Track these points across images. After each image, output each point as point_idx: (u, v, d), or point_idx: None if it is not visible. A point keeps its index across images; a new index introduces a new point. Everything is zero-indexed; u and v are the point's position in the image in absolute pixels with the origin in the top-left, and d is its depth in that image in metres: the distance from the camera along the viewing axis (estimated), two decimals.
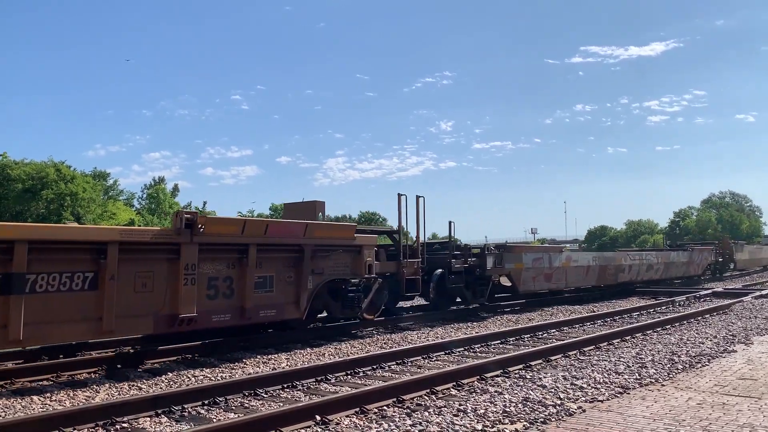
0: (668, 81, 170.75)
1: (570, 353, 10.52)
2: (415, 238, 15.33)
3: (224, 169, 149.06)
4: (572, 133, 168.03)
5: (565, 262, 20.40)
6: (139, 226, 45.36)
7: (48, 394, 8.11)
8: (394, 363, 9.95)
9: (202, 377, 9.20)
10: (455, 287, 16.54)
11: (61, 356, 10.13)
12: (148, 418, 6.83)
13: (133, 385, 8.67)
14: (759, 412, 6.73)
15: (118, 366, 9.75)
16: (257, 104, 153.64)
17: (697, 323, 14.60)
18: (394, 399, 7.30)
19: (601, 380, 8.42)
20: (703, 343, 11.49)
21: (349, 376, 9.08)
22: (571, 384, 8.20)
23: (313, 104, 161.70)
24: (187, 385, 8.59)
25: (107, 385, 8.71)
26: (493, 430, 6.17)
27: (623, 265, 23.63)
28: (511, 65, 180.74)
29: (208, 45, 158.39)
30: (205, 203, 74.91)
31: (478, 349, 11.44)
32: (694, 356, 10.17)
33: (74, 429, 6.31)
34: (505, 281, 19.17)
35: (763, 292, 22.05)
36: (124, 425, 6.57)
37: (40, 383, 8.81)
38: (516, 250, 18.70)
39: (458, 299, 17.65)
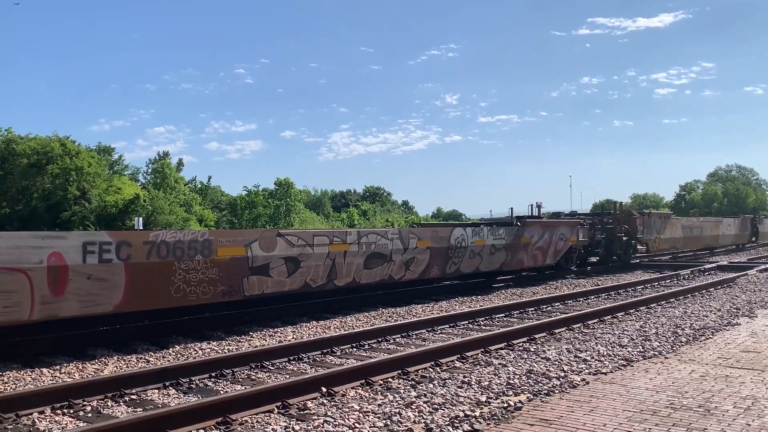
0: (676, 53, 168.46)
1: (574, 326, 10.58)
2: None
3: (229, 143, 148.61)
4: (578, 106, 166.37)
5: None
6: (145, 200, 45.50)
7: (57, 367, 8.22)
8: (398, 336, 10.03)
9: (209, 350, 9.30)
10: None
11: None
12: (156, 390, 6.92)
13: (141, 358, 8.77)
14: (762, 384, 6.77)
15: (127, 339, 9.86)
16: (261, 78, 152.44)
17: (701, 297, 14.62)
18: (399, 371, 7.38)
19: (605, 353, 8.47)
20: (706, 317, 11.53)
21: (355, 349, 9.16)
22: (575, 357, 8.26)
23: (317, 78, 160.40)
24: (194, 357, 8.69)
25: (115, 357, 8.82)
26: (497, 401, 6.23)
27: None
28: (517, 37, 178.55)
29: (212, 18, 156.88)
30: (209, 178, 75.08)
31: (482, 322, 11.51)
32: (698, 329, 10.22)
33: (83, 401, 6.41)
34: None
35: None
36: (133, 397, 6.66)
37: (50, 357, 8.92)
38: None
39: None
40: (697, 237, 30.43)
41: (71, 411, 6.20)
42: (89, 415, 6.14)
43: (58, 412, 6.17)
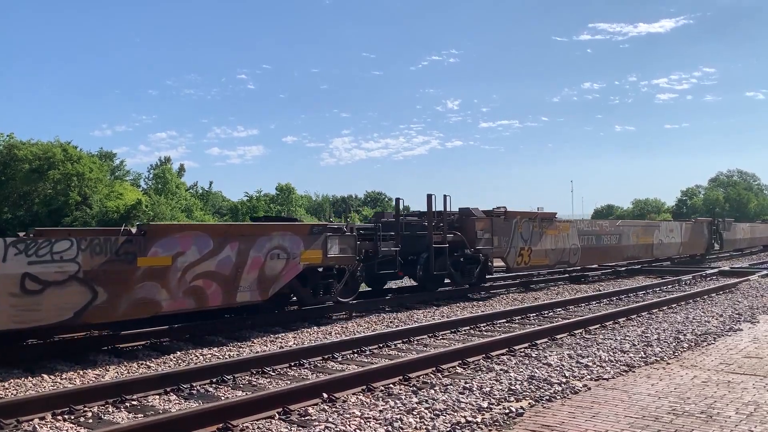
0: (677, 58, 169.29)
1: (575, 332, 10.55)
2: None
3: (230, 148, 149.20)
4: (580, 112, 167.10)
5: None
6: (146, 206, 45.51)
7: (58, 372, 8.21)
8: (400, 341, 10.01)
9: (210, 356, 9.28)
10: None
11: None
12: (157, 396, 6.91)
13: (142, 364, 8.76)
14: (764, 390, 6.75)
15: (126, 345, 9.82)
16: (263, 83, 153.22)
17: (703, 302, 14.59)
18: (401, 377, 7.36)
19: (607, 358, 8.45)
20: (708, 322, 11.50)
21: (356, 355, 9.14)
22: (577, 362, 8.24)
23: (319, 83, 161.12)
24: (196, 363, 8.68)
25: (116, 363, 8.80)
26: (498, 407, 6.22)
27: None
28: (518, 43, 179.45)
29: (214, 24, 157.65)
30: (211, 183, 75.17)
31: (483, 328, 11.49)
32: (700, 335, 10.19)
33: (84, 406, 6.40)
34: None
35: None
36: (134, 403, 6.65)
37: (51, 362, 8.90)
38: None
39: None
40: (611, 247, 22.44)
41: (72, 417, 6.19)
42: (90, 421, 6.13)
43: (59, 418, 6.15)
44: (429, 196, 15.48)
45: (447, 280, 16.53)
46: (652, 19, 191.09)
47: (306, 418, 5.97)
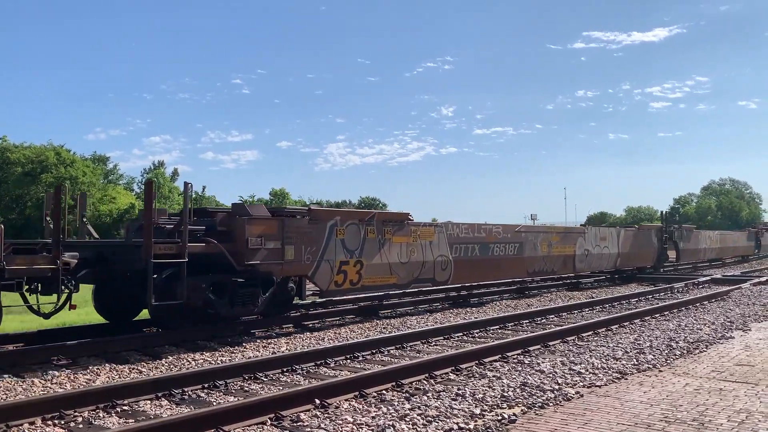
0: (671, 67, 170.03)
1: (568, 339, 10.56)
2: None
3: (224, 153, 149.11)
4: (574, 119, 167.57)
5: None
6: (139, 210, 45.35)
7: (49, 377, 8.15)
8: (393, 348, 9.99)
9: (202, 361, 9.24)
10: None
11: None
12: (149, 401, 6.87)
13: (133, 369, 8.72)
14: (756, 398, 6.77)
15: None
16: (258, 88, 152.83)
17: (696, 310, 14.64)
18: (393, 383, 7.34)
19: (599, 366, 8.46)
20: (701, 330, 11.54)
21: (349, 361, 9.12)
22: (569, 369, 8.24)
23: (314, 88, 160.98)
24: (187, 368, 8.64)
25: (108, 368, 8.75)
26: (491, 414, 6.21)
27: None
28: (513, 50, 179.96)
29: (209, 28, 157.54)
30: (204, 188, 74.98)
31: (476, 335, 11.49)
32: (692, 342, 10.22)
33: (75, 411, 6.35)
34: None
35: (762, 279, 22.11)
36: (125, 408, 6.61)
37: (41, 366, 8.85)
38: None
39: None
40: (505, 259, 17.74)
41: (62, 422, 6.14)
42: (80, 426, 6.08)
43: (49, 423, 6.10)
44: (149, 183, 10.94)
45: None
46: (646, 28, 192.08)
47: (298, 424, 5.95)
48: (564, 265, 20.43)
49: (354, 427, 5.78)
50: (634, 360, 8.85)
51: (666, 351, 9.51)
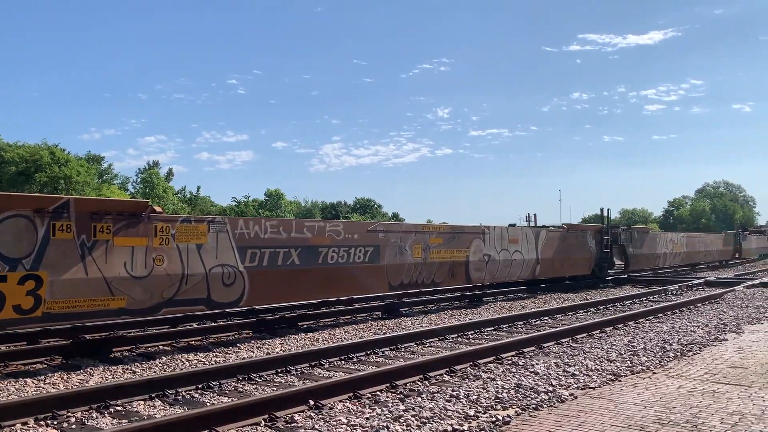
0: (666, 70, 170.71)
1: (563, 341, 10.58)
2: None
3: (220, 153, 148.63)
4: (569, 121, 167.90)
5: None
6: None
7: (42, 377, 8.12)
8: (387, 348, 9.99)
9: (195, 361, 9.22)
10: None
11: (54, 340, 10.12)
12: (142, 402, 6.85)
13: (127, 369, 8.69)
14: (749, 400, 6.80)
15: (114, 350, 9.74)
16: (254, 89, 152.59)
17: (689, 312, 14.69)
18: (388, 384, 7.34)
19: (593, 367, 8.47)
20: (694, 332, 11.57)
21: (343, 362, 9.11)
22: (564, 371, 8.25)
23: (310, 89, 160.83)
24: (181, 369, 8.62)
25: (101, 368, 8.72)
26: (485, 415, 6.21)
27: None
28: (508, 52, 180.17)
29: (205, 28, 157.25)
30: (199, 188, 74.85)
31: (471, 336, 11.49)
32: (686, 344, 10.25)
33: (68, 411, 6.33)
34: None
35: (755, 282, 22.20)
36: (118, 408, 6.58)
37: (34, 366, 8.81)
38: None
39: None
40: (335, 270, 12.65)
41: (55, 422, 6.11)
42: (73, 426, 6.05)
43: (42, 423, 6.08)
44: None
45: None
46: (641, 31, 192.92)
47: (292, 425, 5.94)
48: (451, 275, 16.21)
49: (348, 428, 5.77)
50: (628, 362, 8.87)
51: (660, 353, 9.53)
